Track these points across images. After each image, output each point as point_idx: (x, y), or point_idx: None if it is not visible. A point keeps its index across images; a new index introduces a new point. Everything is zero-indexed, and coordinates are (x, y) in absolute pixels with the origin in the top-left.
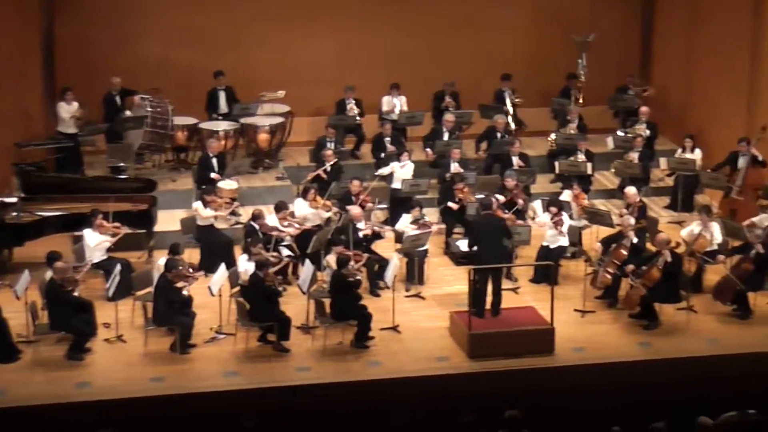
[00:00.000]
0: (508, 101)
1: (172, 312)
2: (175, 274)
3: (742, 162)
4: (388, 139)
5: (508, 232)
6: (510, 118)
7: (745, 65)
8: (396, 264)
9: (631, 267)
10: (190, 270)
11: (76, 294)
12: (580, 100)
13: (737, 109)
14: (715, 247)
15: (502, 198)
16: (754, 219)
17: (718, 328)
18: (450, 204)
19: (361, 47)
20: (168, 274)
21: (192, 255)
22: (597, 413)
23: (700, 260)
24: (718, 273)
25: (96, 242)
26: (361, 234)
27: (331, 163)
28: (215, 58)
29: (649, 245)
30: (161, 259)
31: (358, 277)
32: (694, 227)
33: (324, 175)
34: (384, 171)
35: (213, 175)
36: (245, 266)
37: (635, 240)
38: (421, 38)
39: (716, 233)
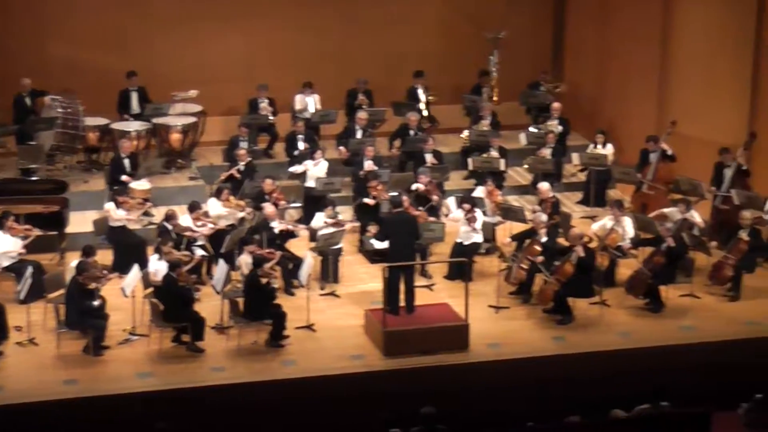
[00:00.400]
0: (421, 98)
1: (84, 314)
2: (86, 276)
3: (652, 157)
4: (301, 136)
5: (417, 233)
6: (423, 115)
7: (655, 60)
8: (310, 262)
9: (540, 258)
10: (104, 272)
11: None
12: (495, 98)
13: (648, 103)
14: (627, 241)
15: (422, 187)
16: (665, 210)
17: (630, 321)
18: (366, 199)
19: (272, 46)
20: (79, 277)
21: (105, 256)
22: (512, 408)
23: (613, 254)
24: (630, 267)
25: (5, 249)
26: (276, 231)
27: (245, 162)
28: (126, 58)
29: (562, 240)
30: (74, 261)
31: (274, 284)
32: (606, 221)
33: (237, 175)
34: (297, 169)
35: (124, 177)
36: (156, 266)
37: (545, 239)
38: (333, 36)
39: (628, 228)
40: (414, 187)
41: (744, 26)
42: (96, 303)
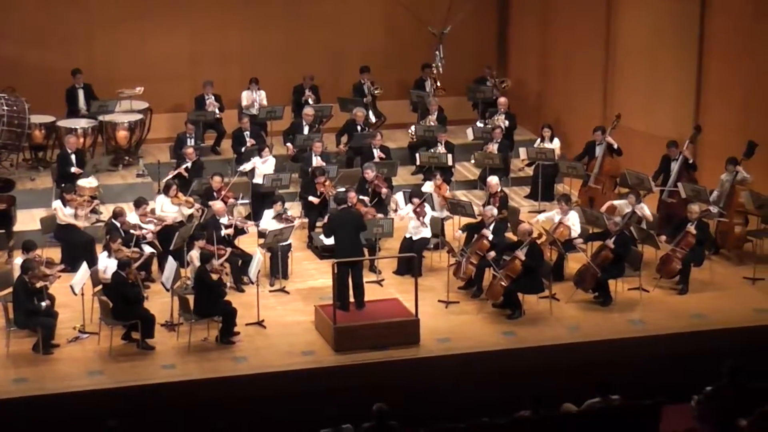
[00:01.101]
0: (367, 93)
1: (32, 313)
2: (32, 276)
3: (598, 151)
4: (247, 133)
5: (363, 227)
6: (370, 111)
7: (599, 54)
8: (259, 259)
9: (491, 254)
10: (53, 265)
11: None
12: (438, 84)
13: (593, 97)
14: (576, 236)
15: (366, 198)
16: (616, 202)
17: (580, 315)
18: (311, 198)
19: (217, 42)
20: (25, 276)
21: (53, 254)
22: (463, 403)
23: (561, 249)
24: (579, 261)
25: None
26: (223, 232)
27: (193, 160)
28: (68, 55)
29: (510, 235)
30: (17, 258)
31: (225, 281)
32: (554, 215)
33: (185, 174)
34: (246, 167)
35: (73, 169)
36: (105, 263)
37: (490, 237)
38: (278, 32)
39: (575, 222)
40: (360, 197)
41: (688, 18)
42: (44, 304)
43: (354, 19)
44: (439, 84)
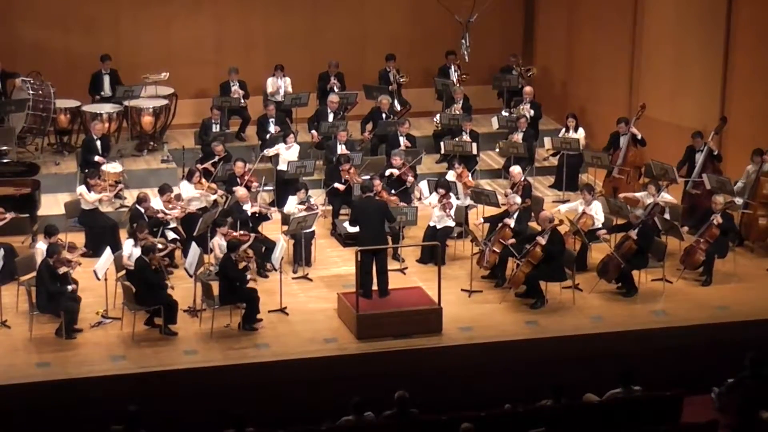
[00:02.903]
0: (392, 81)
1: (55, 298)
2: (56, 260)
3: (623, 141)
4: (272, 119)
5: (390, 216)
6: (395, 99)
7: (625, 44)
8: (283, 246)
9: (512, 240)
10: (74, 250)
11: None
12: (461, 70)
13: (618, 87)
14: (599, 225)
15: (396, 171)
16: (637, 194)
17: (603, 305)
18: (336, 185)
19: (242, 29)
20: (50, 260)
21: (77, 239)
22: (485, 392)
23: (585, 238)
24: (602, 251)
25: None
26: (248, 214)
27: (222, 157)
28: (94, 40)
29: (534, 224)
30: (39, 243)
31: (248, 267)
32: (577, 206)
33: (212, 169)
34: (270, 152)
35: (97, 158)
36: (130, 251)
37: (512, 224)
38: (303, 19)
39: (598, 212)
40: (388, 172)
41: (715, 9)
42: (70, 288)
43: (379, 6)
44: (462, 70)
